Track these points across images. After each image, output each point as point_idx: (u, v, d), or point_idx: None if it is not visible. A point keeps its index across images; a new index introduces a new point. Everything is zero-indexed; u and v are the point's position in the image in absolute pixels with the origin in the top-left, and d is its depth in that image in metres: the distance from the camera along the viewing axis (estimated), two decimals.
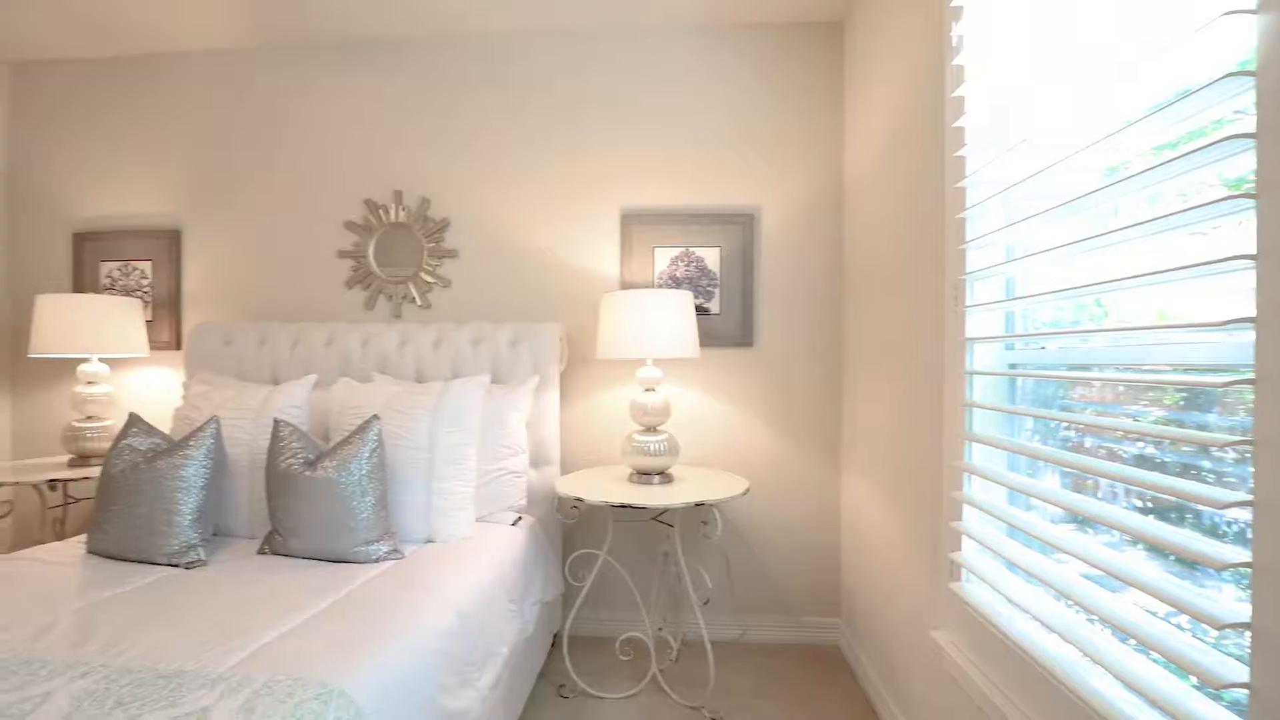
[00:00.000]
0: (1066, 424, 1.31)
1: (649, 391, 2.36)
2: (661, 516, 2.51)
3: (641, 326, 2.26)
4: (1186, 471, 1.00)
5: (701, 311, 2.67)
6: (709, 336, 2.67)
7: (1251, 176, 0.79)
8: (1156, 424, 1.08)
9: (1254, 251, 0.78)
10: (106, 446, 2.65)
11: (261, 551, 2.02)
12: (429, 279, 2.82)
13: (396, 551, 1.98)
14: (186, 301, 3.02)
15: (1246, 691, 0.78)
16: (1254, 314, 0.78)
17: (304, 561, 1.93)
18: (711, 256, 2.68)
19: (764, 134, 2.70)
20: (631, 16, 2.67)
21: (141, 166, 3.05)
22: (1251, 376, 0.79)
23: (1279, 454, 0.74)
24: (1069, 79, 1.18)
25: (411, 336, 2.63)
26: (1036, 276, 1.42)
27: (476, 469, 2.29)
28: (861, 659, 2.37)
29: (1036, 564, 1.26)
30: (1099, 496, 1.20)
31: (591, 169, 2.76)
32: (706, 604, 2.69)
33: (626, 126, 2.74)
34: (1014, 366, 1.46)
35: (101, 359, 2.85)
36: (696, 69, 2.71)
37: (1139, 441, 1.11)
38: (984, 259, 1.51)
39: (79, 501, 2.87)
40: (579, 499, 2.13)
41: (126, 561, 1.93)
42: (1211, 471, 0.96)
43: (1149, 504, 1.09)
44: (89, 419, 2.67)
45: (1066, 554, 1.13)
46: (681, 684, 2.35)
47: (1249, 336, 0.81)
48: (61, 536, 2.73)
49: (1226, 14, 0.80)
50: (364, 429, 2.01)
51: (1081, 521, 1.27)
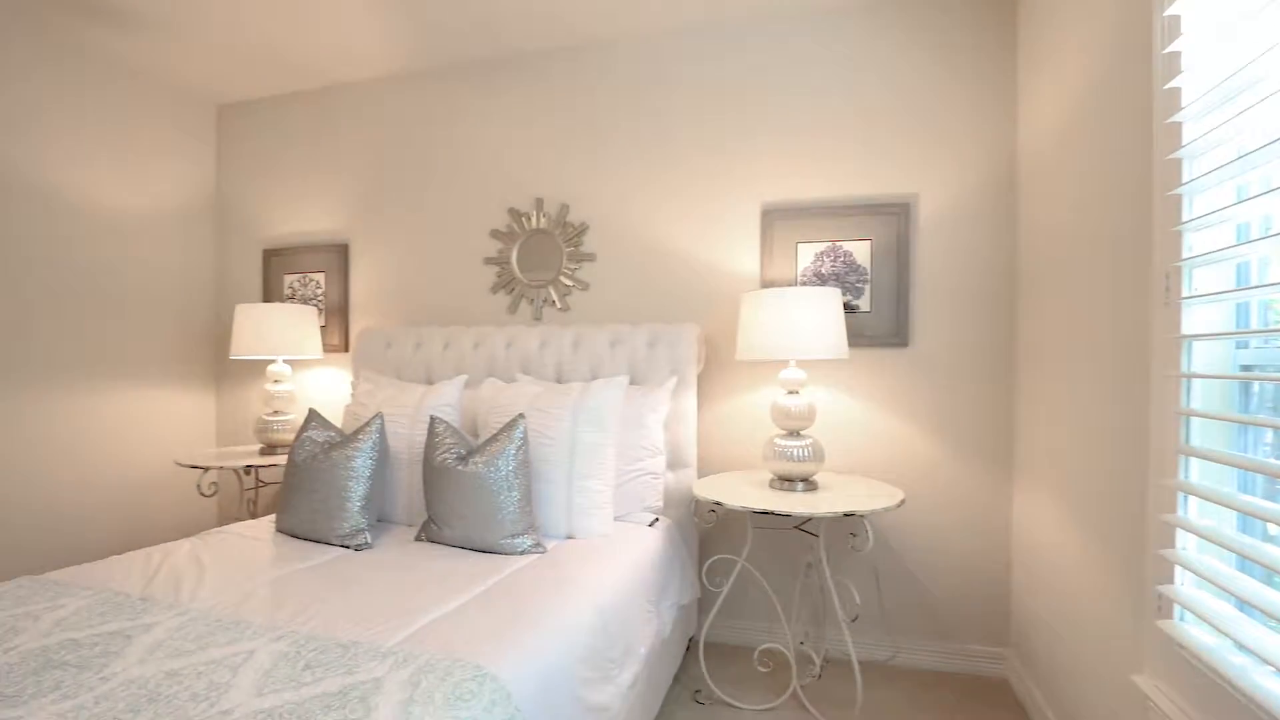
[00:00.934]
0: None
1: (792, 394, 2.26)
2: (805, 525, 2.39)
3: (784, 326, 2.16)
4: None
5: (849, 309, 2.52)
6: (858, 336, 2.51)
7: None
8: None
9: None
10: (289, 438, 2.96)
11: (418, 538, 2.14)
12: (568, 282, 2.89)
13: (539, 546, 2.02)
14: (353, 308, 3.32)
15: None
16: None
17: (456, 550, 2.03)
18: (861, 250, 2.52)
19: (920, 115, 2.50)
20: (766, 2, 2.58)
21: (317, 189, 3.39)
22: None
23: None
24: None
25: (552, 338, 2.70)
26: None
27: (615, 469, 2.30)
28: (1036, 697, 2.10)
29: None
30: None
31: (730, 166, 2.70)
32: (855, 621, 2.53)
33: (766, 119, 2.66)
34: (1248, 368, 1.22)
35: (285, 360, 3.19)
36: (840, 51, 2.58)
37: None
38: (1207, 241, 1.28)
39: (267, 485, 3.23)
40: (718, 503, 2.07)
41: (307, 540, 2.13)
42: None
43: None
44: (275, 413, 2.99)
45: None
46: (824, 702, 2.22)
47: None
48: (254, 515, 3.07)
49: None
50: (510, 427, 2.08)
51: None
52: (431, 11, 2.62)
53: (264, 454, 2.94)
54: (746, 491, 2.19)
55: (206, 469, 2.76)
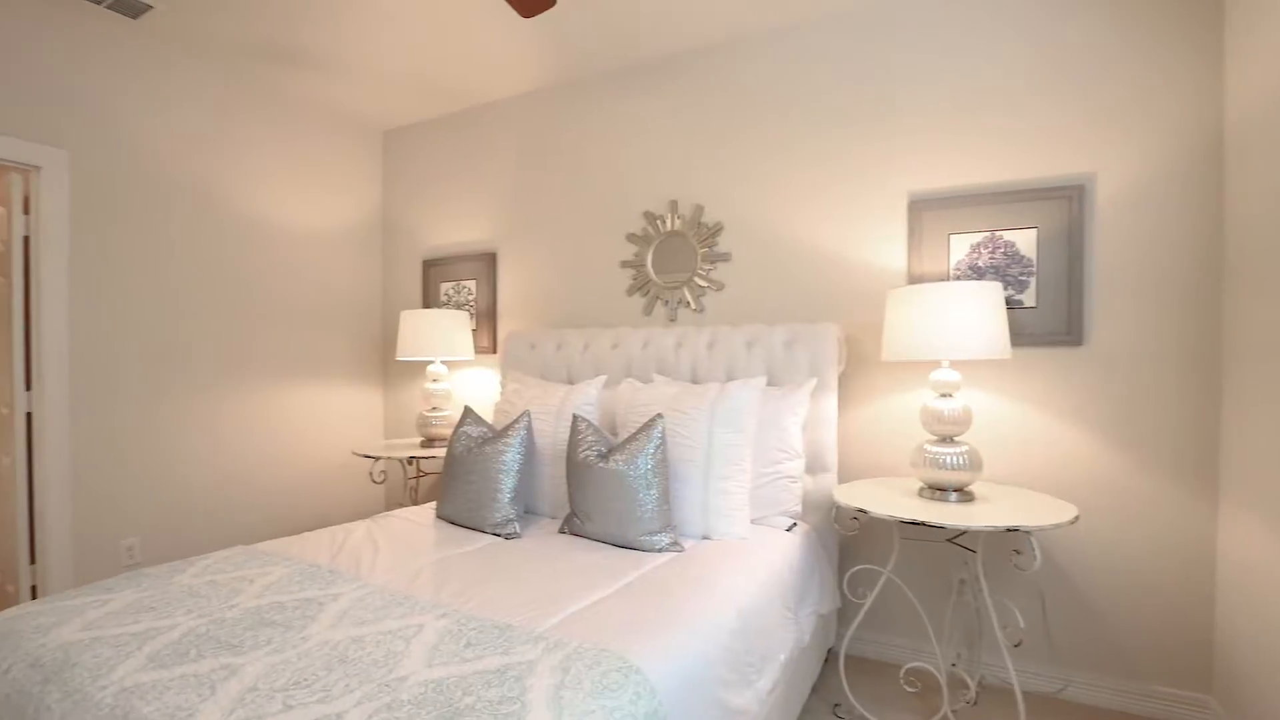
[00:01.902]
0: None
1: (945, 397, 2.11)
2: (959, 539, 2.22)
3: (937, 324, 2.02)
4: None
5: (1011, 304, 2.31)
6: (1021, 334, 2.30)
7: None
8: None
9: None
10: (446, 432, 3.21)
11: (562, 531, 2.24)
12: (702, 283, 2.90)
13: (677, 544, 2.04)
14: (501, 312, 3.54)
15: None
16: None
17: (597, 544, 2.10)
18: (1025, 240, 2.30)
19: (1094, 85, 2.22)
20: None
21: (469, 202, 3.65)
22: None
23: None
24: None
25: (687, 339, 2.72)
26: None
27: (752, 471, 2.27)
28: None
29: None
30: None
31: (872, 155, 2.57)
32: (1017, 646, 2.31)
33: (911, 102, 2.50)
34: None
35: (442, 361, 3.47)
36: (994, 21, 2.37)
37: None
38: None
39: (426, 475, 3.53)
40: (861, 510, 1.98)
41: (463, 527, 2.30)
42: None
43: None
44: (433, 409, 3.26)
45: None
46: None
47: None
48: (416, 501, 3.37)
49: None
50: (649, 426, 2.12)
51: None
52: (573, 25, 2.74)
53: (424, 446, 3.21)
54: (893, 499, 2.07)
55: (377, 459, 3.07)
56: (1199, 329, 2.11)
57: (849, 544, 2.58)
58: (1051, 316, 2.26)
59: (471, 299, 3.62)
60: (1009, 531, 1.81)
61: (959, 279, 2.39)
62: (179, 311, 3.03)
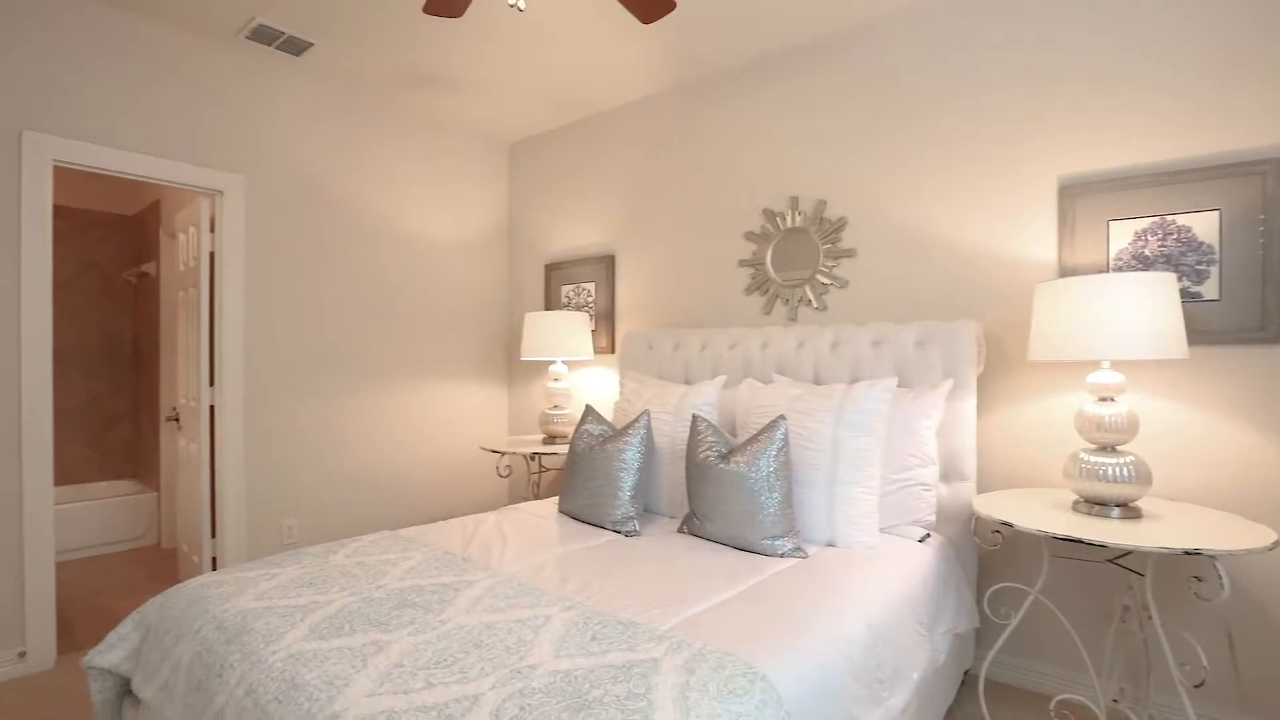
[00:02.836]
0: None
1: (1105, 401, 1.89)
2: (1122, 560, 1.99)
3: (1095, 321, 1.82)
4: None
5: (1187, 297, 2.04)
6: (1201, 331, 2.01)
7: None
8: None
9: None
10: (566, 429, 3.31)
11: (680, 530, 2.24)
12: (825, 280, 2.79)
13: (800, 550, 1.97)
14: (619, 313, 3.61)
15: None
16: None
17: (717, 545, 2.08)
18: (1204, 224, 2.02)
19: None
20: None
21: (589, 207, 3.75)
22: None
23: None
24: None
25: (809, 339, 2.63)
26: None
27: (880, 477, 2.16)
28: None
29: None
30: None
31: (1013, 138, 2.36)
32: (1198, 687, 2.03)
33: (1060, 75, 2.26)
34: None
35: (563, 361, 3.58)
36: None
37: None
38: None
39: (547, 471, 3.66)
40: (1006, 523, 1.81)
41: (584, 523, 2.35)
42: None
43: None
44: (555, 407, 3.37)
45: None
46: None
47: None
48: (538, 496, 3.51)
49: None
50: (771, 428, 2.07)
51: None
52: (691, 25, 2.73)
53: (546, 443, 3.33)
54: (1042, 513, 1.89)
55: (503, 454, 3.22)
56: None
57: (989, 559, 2.39)
58: (1240, 310, 1.96)
59: (591, 300, 3.71)
60: (1188, 554, 1.59)
61: (1120, 270, 2.14)
62: (331, 317, 3.34)
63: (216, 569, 2.91)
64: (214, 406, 3.03)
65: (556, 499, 2.70)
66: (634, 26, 2.74)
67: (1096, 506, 1.86)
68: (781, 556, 1.96)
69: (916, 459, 2.18)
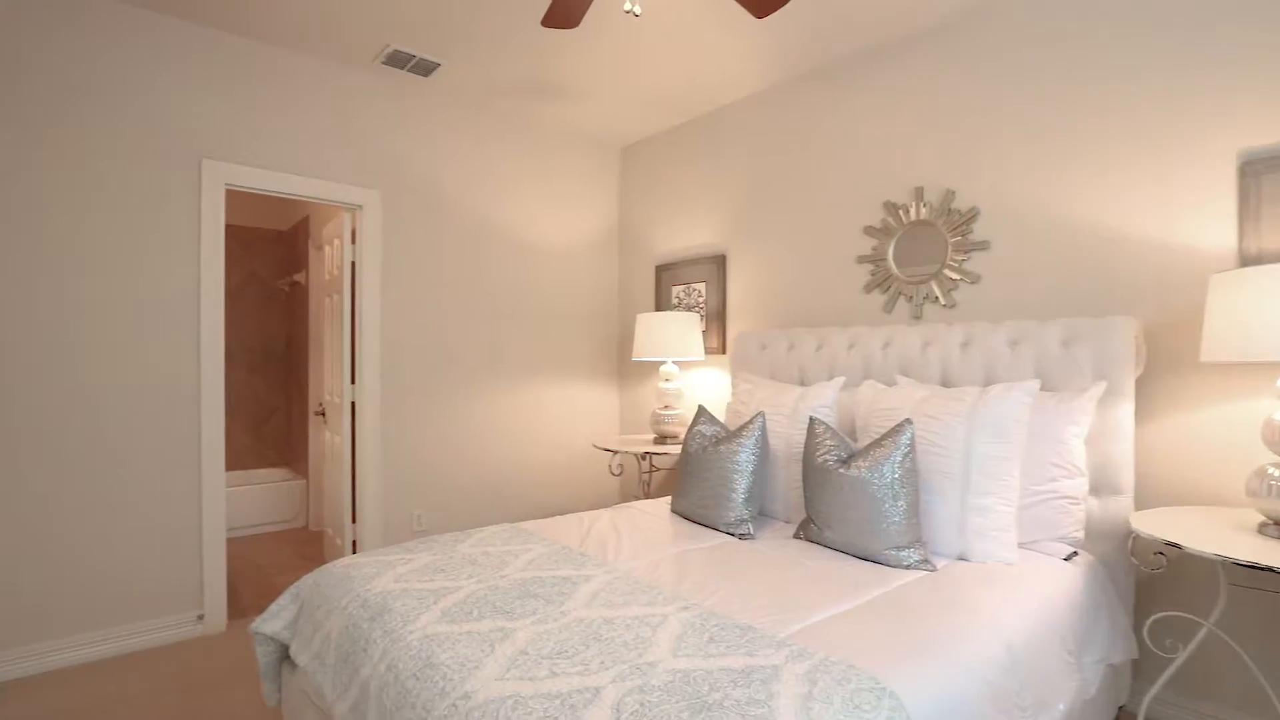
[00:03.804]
0: None
1: None
2: None
3: None
4: None
5: None
6: None
7: None
8: None
9: None
10: (677, 429, 3.31)
11: (797, 536, 2.17)
12: (953, 276, 2.61)
13: (927, 563, 1.86)
14: (730, 313, 3.57)
15: None
16: None
17: (836, 553, 2.00)
18: None
19: None
20: None
21: (699, 206, 3.74)
22: None
23: None
24: None
25: (936, 338, 2.47)
26: None
27: (1019, 488, 1.99)
28: None
29: None
30: None
31: (1181, 108, 2.09)
32: None
33: (1241, 30, 1.98)
34: None
35: (674, 361, 3.59)
36: None
37: None
38: None
39: (658, 470, 3.68)
40: (1172, 544, 1.61)
41: (697, 524, 2.34)
42: None
43: None
44: (666, 407, 3.38)
45: None
46: None
47: None
48: (648, 494, 3.53)
49: None
50: (896, 432, 1.96)
51: None
52: (805, 17, 2.65)
53: (656, 443, 3.35)
54: (1219, 534, 1.66)
55: (615, 452, 3.27)
56: None
57: (1149, 584, 2.13)
58: None
59: (701, 301, 3.70)
60: None
61: None
62: (454, 320, 3.54)
63: (356, 551, 3.17)
64: (355, 403, 3.30)
65: (668, 499, 2.70)
66: (746, 22, 2.70)
67: None
68: (907, 568, 1.85)
69: (1062, 469, 1.99)
